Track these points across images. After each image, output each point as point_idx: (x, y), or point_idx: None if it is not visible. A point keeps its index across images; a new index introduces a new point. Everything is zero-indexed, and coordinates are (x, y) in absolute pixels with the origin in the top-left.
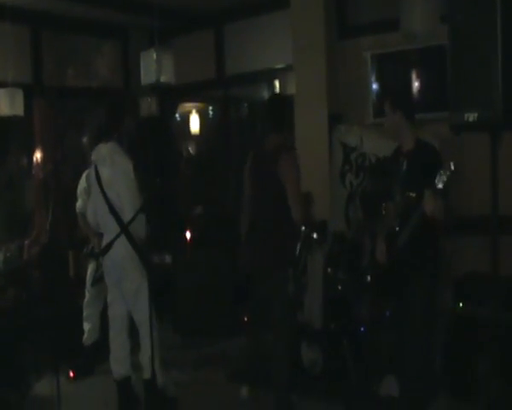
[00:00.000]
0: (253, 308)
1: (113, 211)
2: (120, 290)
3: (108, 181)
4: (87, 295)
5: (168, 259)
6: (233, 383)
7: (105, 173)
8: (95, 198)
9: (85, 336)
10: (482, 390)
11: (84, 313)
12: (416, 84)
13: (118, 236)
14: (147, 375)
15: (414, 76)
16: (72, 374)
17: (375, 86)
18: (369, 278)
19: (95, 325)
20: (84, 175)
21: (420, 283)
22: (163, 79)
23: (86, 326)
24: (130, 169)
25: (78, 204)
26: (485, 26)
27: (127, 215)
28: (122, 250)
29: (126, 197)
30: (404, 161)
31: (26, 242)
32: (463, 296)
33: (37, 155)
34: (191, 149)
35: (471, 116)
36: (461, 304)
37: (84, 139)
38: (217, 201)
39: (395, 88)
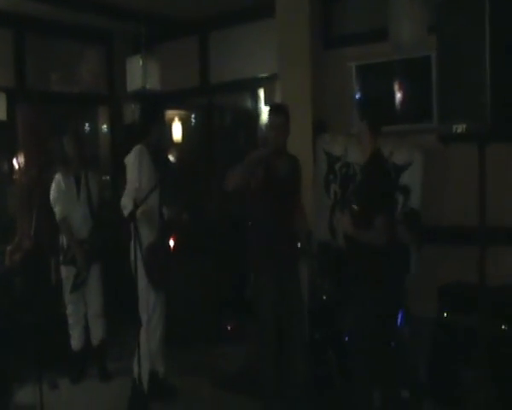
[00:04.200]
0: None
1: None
2: None
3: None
4: (69, 304)
5: None
6: (219, 390)
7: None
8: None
9: (74, 342)
10: (467, 399)
11: (71, 321)
12: (401, 95)
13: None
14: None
15: (399, 87)
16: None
17: (359, 96)
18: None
19: (82, 331)
20: (54, 181)
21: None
22: (149, 85)
23: (74, 333)
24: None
25: (59, 210)
26: (474, 36)
27: None
28: None
29: None
30: (360, 173)
31: (8, 248)
32: (448, 306)
33: (20, 161)
34: (172, 157)
35: (459, 127)
36: (445, 314)
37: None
38: (201, 208)
39: (364, 98)
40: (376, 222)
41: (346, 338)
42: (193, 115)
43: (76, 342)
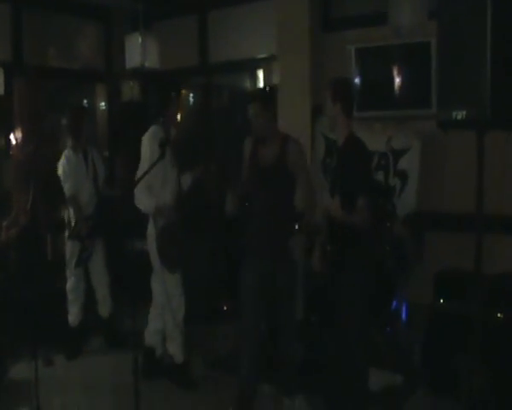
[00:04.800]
0: None
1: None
2: None
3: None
4: (72, 278)
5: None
6: (213, 371)
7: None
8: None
9: (72, 318)
10: (463, 387)
11: (70, 297)
12: (400, 80)
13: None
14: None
15: (398, 71)
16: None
17: (358, 80)
18: None
19: (81, 307)
20: (65, 157)
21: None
22: (148, 63)
23: (73, 308)
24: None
25: (70, 186)
26: (475, 23)
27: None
28: None
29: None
30: (336, 157)
31: (4, 223)
32: (444, 293)
33: (17, 136)
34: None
35: (459, 114)
36: (441, 300)
37: (64, 121)
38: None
39: (338, 80)
40: (357, 205)
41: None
42: (191, 94)
43: (74, 317)
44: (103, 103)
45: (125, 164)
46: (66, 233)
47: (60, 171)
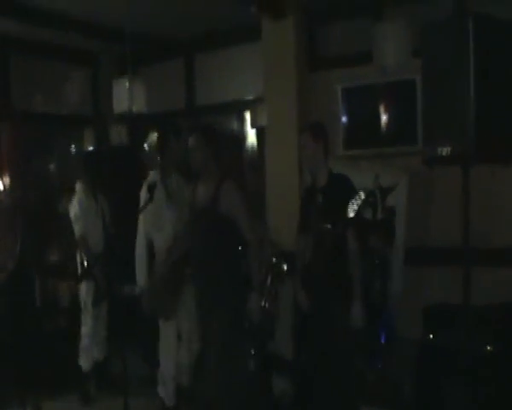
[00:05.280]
0: None
1: None
2: None
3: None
4: (89, 322)
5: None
6: None
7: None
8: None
9: (87, 362)
10: None
11: (86, 342)
12: (386, 118)
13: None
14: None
15: (384, 109)
16: None
17: (345, 119)
18: None
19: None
20: (77, 200)
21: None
22: (135, 108)
23: (88, 353)
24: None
25: (80, 228)
26: (458, 59)
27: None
28: None
29: None
30: (320, 196)
31: None
32: (433, 327)
33: (4, 180)
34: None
35: (444, 150)
36: (430, 335)
37: (52, 166)
38: None
39: (316, 123)
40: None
41: None
42: None
43: (90, 361)
44: (91, 148)
45: (113, 207)
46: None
47: (71, 213)
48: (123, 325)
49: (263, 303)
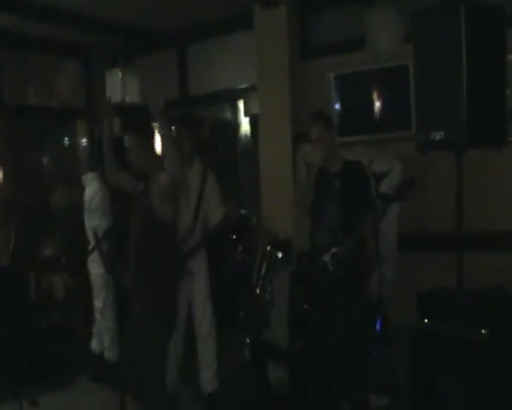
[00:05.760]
0: None
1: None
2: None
3: None
4: (102, 305)
5: None
6: None
7: None
8: None
9: (98, 346)
10: (446, 406)
11: (107, 328)
12: (379, 104)
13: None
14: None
15: (377, 96)
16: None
17: (338, 106)
18: None
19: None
20: (95, 191)
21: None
22: (128, 98)
23: (105, 337)
24: None
25: (107, 221)
26: (450, 44)
27: None
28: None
29: None
30: (336, 181)
31: None
32: (427, 312)
33: None
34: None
35: (437, 135)
36: (424, 320)
37: (45, 159)
38: None
39: (323, 111)
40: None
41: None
42: (173, 128)
43: (101, 345)
44: (84, 140)
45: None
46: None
47: (93, 205)
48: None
49: (257, 291)
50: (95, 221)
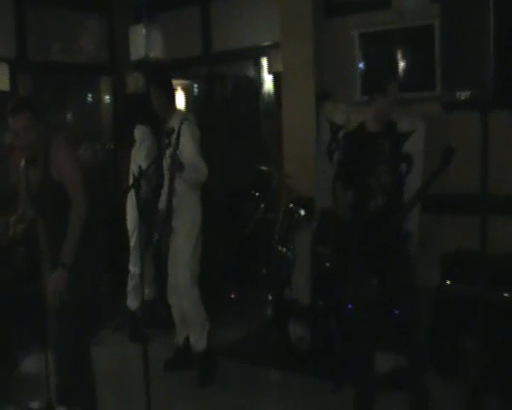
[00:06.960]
0: None
1: None
2: None
3: None
4: (139, 260)
5: None
6: (221, 359)
7: None
8: None
9: (135, 302)
10: (469, 369)
11: (136, 282)
12: (404, 64)
13: None
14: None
15: (402, 55)
16: None
17: (362, 65)
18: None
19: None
20: (146, 143)
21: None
22: (152, 54)
23: (138, 292)
24: None
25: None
26: (477, 3)
27: None
28: None
29: None
30: (385, 141)
31: (12, 218)
32: (450, 274)
33: None
34: None
35: (463, 95)
36: (448, 282)
37: (68, 116)
38: None
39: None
40: None
41: (349, 306)
42: (195, 85)
43: (138, 301)
44: (108, 96)
45: (129, 157)
46: None
47: (141, 156)
48: None
49: (280, 249)
50: (140, 161)
